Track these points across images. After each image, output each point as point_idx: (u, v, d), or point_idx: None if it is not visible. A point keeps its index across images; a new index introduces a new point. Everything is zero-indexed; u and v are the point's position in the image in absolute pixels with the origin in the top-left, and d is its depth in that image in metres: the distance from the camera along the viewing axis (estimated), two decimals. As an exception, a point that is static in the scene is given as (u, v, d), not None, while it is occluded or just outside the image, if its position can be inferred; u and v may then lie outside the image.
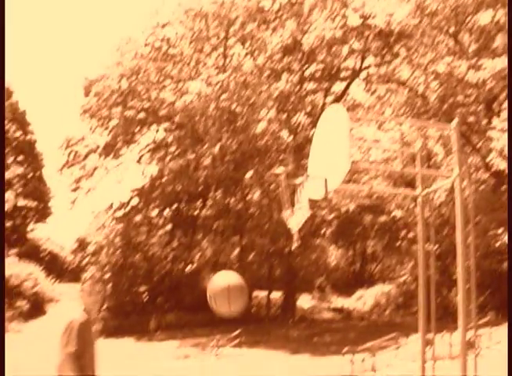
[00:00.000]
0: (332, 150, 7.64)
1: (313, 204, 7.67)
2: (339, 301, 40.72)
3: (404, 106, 28.89)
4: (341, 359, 15.65)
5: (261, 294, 36.77)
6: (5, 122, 43.52)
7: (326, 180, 7.30)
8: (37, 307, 36.55)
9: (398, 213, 32.67)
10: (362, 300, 39.03)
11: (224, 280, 4.92)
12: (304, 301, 38.49)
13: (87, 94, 35.51)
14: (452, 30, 28.19)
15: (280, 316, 32.99)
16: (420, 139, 20.48)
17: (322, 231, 36.78)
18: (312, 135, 8.26)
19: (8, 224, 43.33)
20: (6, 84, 45.45)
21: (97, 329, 4.41)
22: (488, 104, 27.12)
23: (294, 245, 8.53)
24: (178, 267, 33.81)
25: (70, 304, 37.42)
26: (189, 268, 32.74)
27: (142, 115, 34.73)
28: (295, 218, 7.95)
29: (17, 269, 37.31)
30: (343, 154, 7.31)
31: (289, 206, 8.04)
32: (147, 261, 33.43)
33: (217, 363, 20.32)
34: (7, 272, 36.25)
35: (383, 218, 35.42)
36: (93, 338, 4.33)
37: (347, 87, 34.30)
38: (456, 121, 7.34)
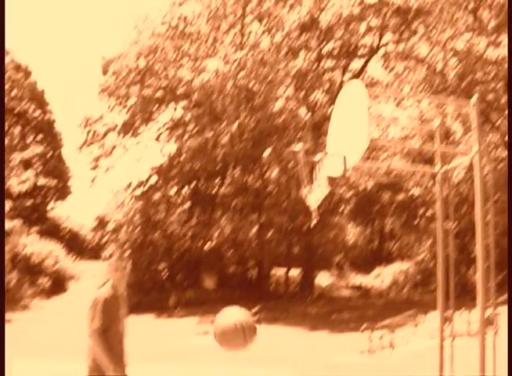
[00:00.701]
0: (350, 127, 7.63)
1: (332, 181, 7.67)
2: (357, 279, 40.78)
3: (422, 84, 28.60)
4: (360, 336, 15.73)
5: (279, 272, 36.92)
6: (24, 102, 43.77)
7: (344, 157, 7.29)
8: (58, 284, 37.01)
9: (416, 191, 32.56)
10: (380, 278, 39.05)
11: (234, 318, 4.82)
12: (323, 279, 38.57)
13: (105, 73, 35.61)
14: (471, 6, 27.78)
15: (299, 294, 33.12)
16: (439, 117, 20.33)
17: (341, 209, 36.75)
18: (330, 112, 8.25)
19: (28, 203, 43.77)
20: (24, 64, 45.68)
21: (125, 304, 4.46)
22: (508, 81, 26.78)
23: (313, 222, 8.56)
24: (197, 245, 33.99)
25: (90, 281, 37.87)
26: (207, 245, 32.93)
27: (159, 93, 34.76)
28: (314, 196, 7.94)
29: (38, 247, 37.73)
30: (361, 131, 7.29)
31: (307, 183, 8.04)
32: (166, 238, 33.62)
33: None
34: (28, 250, 36.75)
35: (401, 196, 35.30)
36: (120, 313, 4.38)
37: (365, 64, 34.06)
38: (475, 98, 7.29)
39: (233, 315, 4.74)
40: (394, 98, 27.42)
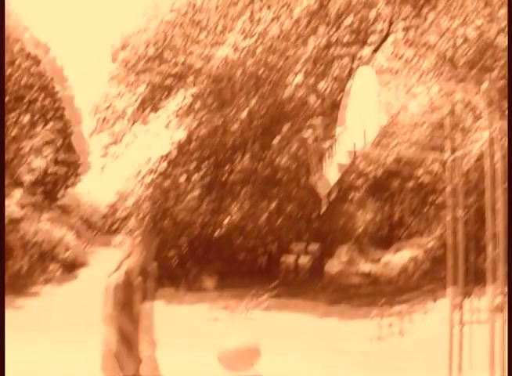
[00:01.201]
0: (360, 113, 7.65)
1: (341, 168, 7.69)
2: (366, 266, 40.78)
3: (432, 71, 28.40)
4: (369, 323, 15.79)
5: (288, 259, 37.00)
6: (34, 90, 43.87)
7: (354, 144, 7.32)
8: (69, 271, 37.26)
9: (426, 178, 32.45)
10: (390, 265, 39.03)
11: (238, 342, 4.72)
12: (332, 266, 38.60)
13: (114, 60, 35.66)
14: (481, -8, 27.54)
15: (308, 281, 33.18)
16: (449, 104, 20.21)
17: (350, 196, 36.73)
18: (340, 99, 8.26)
19: (39, 190, 44.01)
20: (33, 53, 45.74)
21: (144, 288, 4.43)
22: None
23: (322, 209, 8.59)
24: (207, 232, 34.10)
25: (101, 268, 38.11)
26: (217, 232, 33.02)
27: (169, 81, 34.76)
28: (323, 182, 7.98)
29: (49, 234, 37.97)
30: (371, 118, 7.31)
31: (317, 170, 8.07)
32: (176, 226, 33.73)
33: (246, 326, 20.61)
34: (39, 238, 37.01)
35: (411, 184, 35.17)
36: (134, 298, 4.37)
37: (375, 52, 33.89)
38: (485, 85, 7.28)
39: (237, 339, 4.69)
40: (403, 85, 27.28)
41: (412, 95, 25.54)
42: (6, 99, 41.37)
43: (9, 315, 22.50)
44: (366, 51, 34.34)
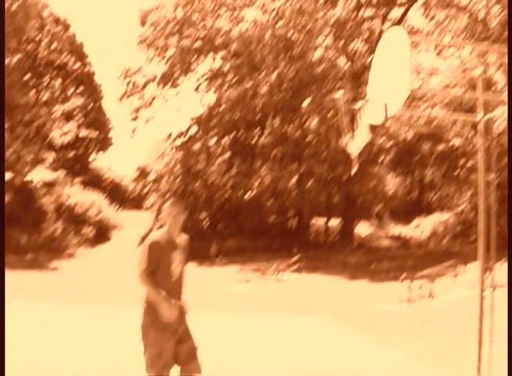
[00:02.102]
0: (391, 74, 7.54)
1: (373, 129, 7.64)
2: (397, 229, 40.73)
3: (464, 33, 27.83)
4: (399, 285, 15.80)
5: (319, 221, 37.07)
6: (64, 55, 44.01)
7: (385, 105, 7.24)
8: (102, 233, 37.81)
9: (457, 141, 32.05)
10: (420, 228, 38.93)
11: None
12: (362, 229, 38.64)
13: (143, 24, 35.55)
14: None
15: (338, 243, 33.28)
16: (481, 66, 19.86)
17: (381, 159, 36.50)
18: (370, 61, 8.17)
19: (71, 154, 44.44)
20: (63, 17, 45.77)
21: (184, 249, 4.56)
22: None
23: (353, 170, 8.58)
24: (238, 194, 34.28)
25: (133, 230, 38.58)
26: (248, 195, 33.16)
27: (198, 44, 34.62)
28: (354, 144, 7.93)
29: (82, 197, 38.46)
30: (403, 79, 7.21)
31: (348, 131, 8.02)
32: (207, 188, 33.93)
33: (276, 288, 20.78)
34: (72, 201, 37.51)
35: (441, 147, 34.78)
36: (171, 256, 4.51)
37: (405, 13, 33.29)
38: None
39: None
40: (434, 47, 26.77)
41: (443, 57, 25.06)
42: (36, 63, 41.70)
43: (45, 276, 23.01)
44: (397, 12, 33.77)
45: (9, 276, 20.38)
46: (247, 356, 3.56)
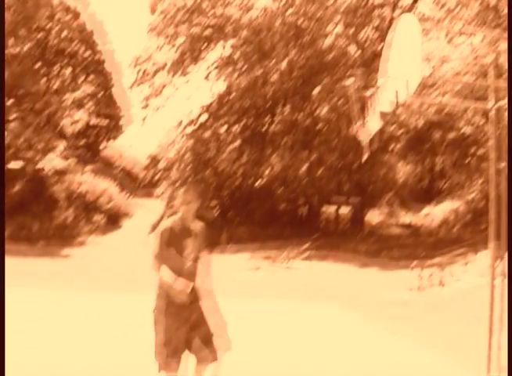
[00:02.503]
0: (402, 62, 7.54)
1: (383, 116, 7.64)
2: (407, 217, 40.63)
3: (475, 20, 27.57)
4: (409, 273, 15.80)
5: (329, 209, 37.03)
6: (74, 43, 44.05)
7: (396, 92, 7.24)
8: (113, 221, 37.95)
9: (467, 129, 31.86)
10: (431, 216, 38.82)
11: None
12: (373, 217, 38.58)
13: (153, 12, 35.50)
14: None
15: (349, 231, 33.23)
16: (492, 54, 19.72)
17: (391, 147, 36.38)
18: (381, 49, 8.15)
19: (81, 142, 44.56)
20: (73, 6, 45.77)
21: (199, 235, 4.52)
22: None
23: (364, 157, 8.54)
24: (248, 182, 34.30)
25: (143, 218, 38.68)
26: (258, 183, 33.18)
27: (208, 32, 34.54)
28: (365, 131, 7.93)
29: (93, 185, 38.61)
30: (414, 66, 7.21)
31: (358, 118, 8.02)
32: (217, 176, 33.93)
33: (287, 275, 20.83)
34: (83, 189, 37.68)
35: (452, 135, 34.55)
36: (184, 243, 4.49)
37: (416, 0, 33.05)
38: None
39: None
40: (445, 34, 26.56)
41: (454, 45, 24.88)
42: (47, 52, 41.75)
43: (57, 263, 23.17)
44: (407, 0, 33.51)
45: (21, 263, 20.56)
46: (257, 343, 3.56)
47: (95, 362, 5.80)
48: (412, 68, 7.14)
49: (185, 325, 4.50)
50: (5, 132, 33.14)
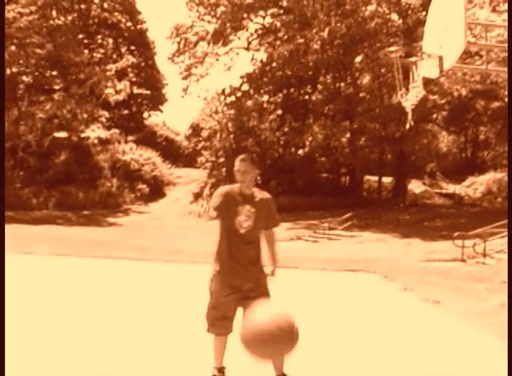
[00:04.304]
0: (447, 29, 7.45)
1: (427, 83, 7.56)
2: (450, 187, 40.24)
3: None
4: (452, 244, 15.71)
5: (372, 179, 36.86)
6: (116, 13, 44.21)
7: (441, 58, 7.17)
8: (156, 190, 38.47)
9: (512, 99, 31.21)
10: (474, 186, 38.40)
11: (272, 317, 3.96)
12: (415, 187, 38.29)
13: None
14: None
15: (391, 201, 33.07)
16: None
17: (434, 116, 35.90)
18: (423, 17, 8.06)
19: (125, 112, 44.99)
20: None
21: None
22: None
23: (408, 125, 8.48)
24: (290, 151, 34.30)
25: (186, 187, 39.08)
26: (300, 152, 33.16)
27: (249, 1, 34.34)
28: (409, 98, 7.88)
29: (136, 154, 39.12)
30: (457, 34, 7.11)
31: (402, 86, 7.96)
32: (259, 145, 33.97)
33: (328, 245, 20.90)
34: (126, 157, 38.17)
35: (496, 104, 33.91)
36: (235, 207, 4.47)
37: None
38: None
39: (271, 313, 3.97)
40: (489, 1, 25.94)
41: (498, 12, 24.34)
42: (90, 22, 42.04)
43: (101, 230, 23.61)
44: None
45: (67, 232, 21.02)
46: (298, 313, 3.65)
47: (144, 331, 5.98)
48: (456, 36, 7.06)
49: (236, 293, 4.48)
50: (50, 103, 33.77)
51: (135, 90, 41.45)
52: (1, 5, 15.81)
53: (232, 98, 36.17)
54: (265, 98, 36.29)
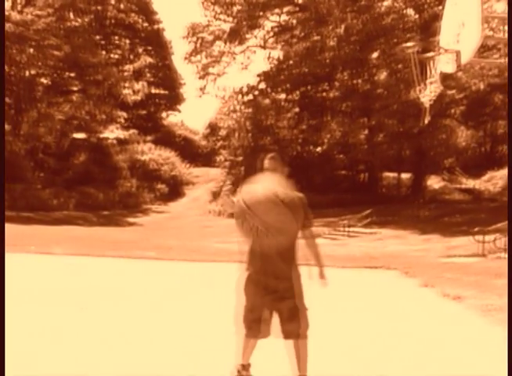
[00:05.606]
0: (463, 24, 7.42)
1: (445, 78, 7.53)
2: (469, 183, 39.93)
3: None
4: (471, 239, 15.62)
5: (390, 175, 36.73)
6: (132, 14, 44.39)
7: (458, 52, 7.14)
8: (175, 190, 38.64)
9: (530, 92, 30.95)
10: (493, 181, 38.04)
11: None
12: (434, 182, 38.07)
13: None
14: None
15: (410, 197, 32.93)
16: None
17: (452, 111, 35.67)
18: (439, 11, 8.03)
19: (143, 112, 45.17)
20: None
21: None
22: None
23: (426, 120, 8.44)
24: (308, 149, 34.27)
25: (205, 186, 39.17)
26: (318, 149, 33.12)
27: (264, -1, 34.33)
28: (427, 93, 7.84)
29: (155, 154, 39.30)
30: (474, 28, 7.09)
31: (419, 82, 7.93)
32: (277, 143, 33.96)
33: (347, 242, 20.86)
34: (145, 157, 38.33)
35: (515, 98, 33.58)
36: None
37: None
38: None
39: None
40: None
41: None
42: (106, 23, 42.21)
43: (121, 230, 23.71)
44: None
45: (87, 232, 21.14)
46: (316, 310, 3.65)
47: (164, 330, 6.02)
48: (473, 30, 7.04)
49: (269, 295, 4.40)
50: (69, 104, 34.03)
51: (153, 90, 41.66)
52: (1, 5, 15.93)
53: (250, 96, 36.17)
54: (282, 96, 36.29)
